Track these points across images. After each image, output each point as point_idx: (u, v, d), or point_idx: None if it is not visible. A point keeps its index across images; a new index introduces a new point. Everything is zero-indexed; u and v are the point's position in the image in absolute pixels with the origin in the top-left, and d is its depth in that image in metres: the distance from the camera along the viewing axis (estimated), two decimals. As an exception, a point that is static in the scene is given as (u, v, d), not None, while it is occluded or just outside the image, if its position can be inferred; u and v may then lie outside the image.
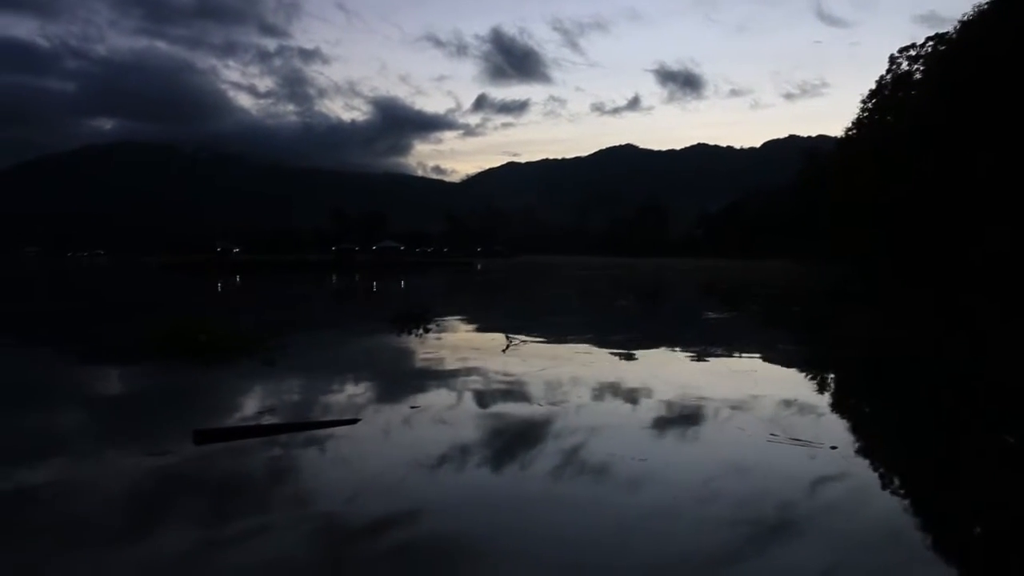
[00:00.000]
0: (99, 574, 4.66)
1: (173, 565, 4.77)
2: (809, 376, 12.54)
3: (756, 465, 6.81)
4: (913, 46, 69.24)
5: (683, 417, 8.81)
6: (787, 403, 9.60)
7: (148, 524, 5.52)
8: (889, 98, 69.83)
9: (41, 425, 8.73)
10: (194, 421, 8.37)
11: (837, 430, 8.40)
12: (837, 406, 10.03)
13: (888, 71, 71.75)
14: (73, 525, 5.47)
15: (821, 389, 11.43)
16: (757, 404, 9.49)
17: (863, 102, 75.61)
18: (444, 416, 8.87)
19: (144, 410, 9.74)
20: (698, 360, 13.83)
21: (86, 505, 5.89)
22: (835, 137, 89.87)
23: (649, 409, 9.25)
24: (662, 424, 8.47)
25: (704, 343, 16.09)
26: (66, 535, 5.27)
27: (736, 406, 9.35)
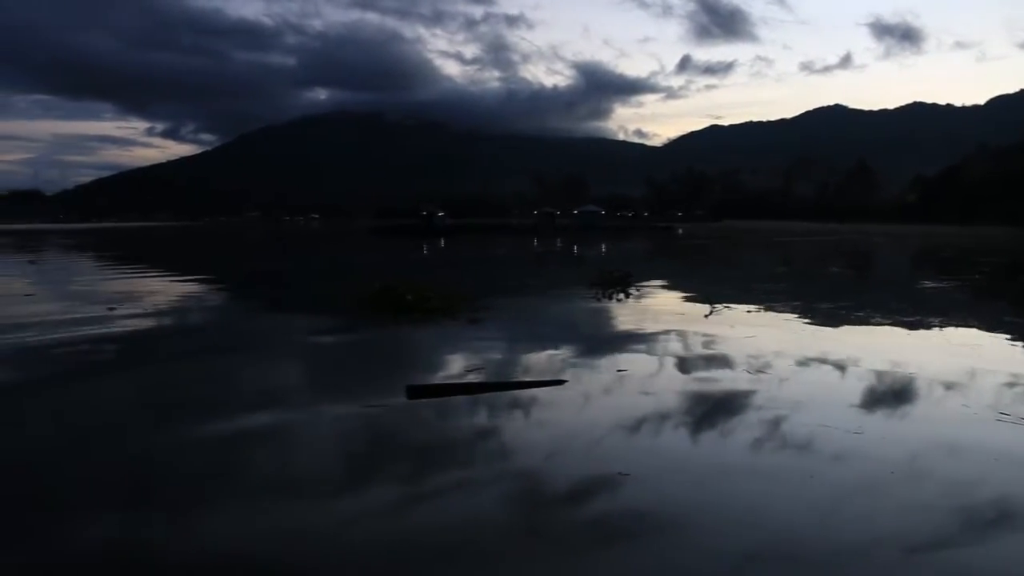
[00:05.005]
0: (316, 519, 4.95)
1: (384, 514, 5.04)
2: (1042, 352, 11.60)
3: (984, 445, 6.40)
4: None
5: (899, 391, 8.40)
6: (1017, 380, 8.95)
7: (363, 474, 5.87)
8: None
9: (266, 377, 9.41)
10: (406, 376, 8.82)
11: (1076, 411, 7.76)
12: (1075, 385, 9.24)
13: None
14: (294, 473, 5.88)
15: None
16: (982, 380, 8.90)
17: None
18: (649, 381, 8.86)
19: (359, 365, 10.33)
20: (915, 331, 13.10)
21: (308, 454, 6.33)
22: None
23: (861, 380, 8.88)
24: (877, 397, 8.11)
25: (921, 314, 15.18)
26: (287, 482, 5.66)
27: (958, 382, 8.80)
